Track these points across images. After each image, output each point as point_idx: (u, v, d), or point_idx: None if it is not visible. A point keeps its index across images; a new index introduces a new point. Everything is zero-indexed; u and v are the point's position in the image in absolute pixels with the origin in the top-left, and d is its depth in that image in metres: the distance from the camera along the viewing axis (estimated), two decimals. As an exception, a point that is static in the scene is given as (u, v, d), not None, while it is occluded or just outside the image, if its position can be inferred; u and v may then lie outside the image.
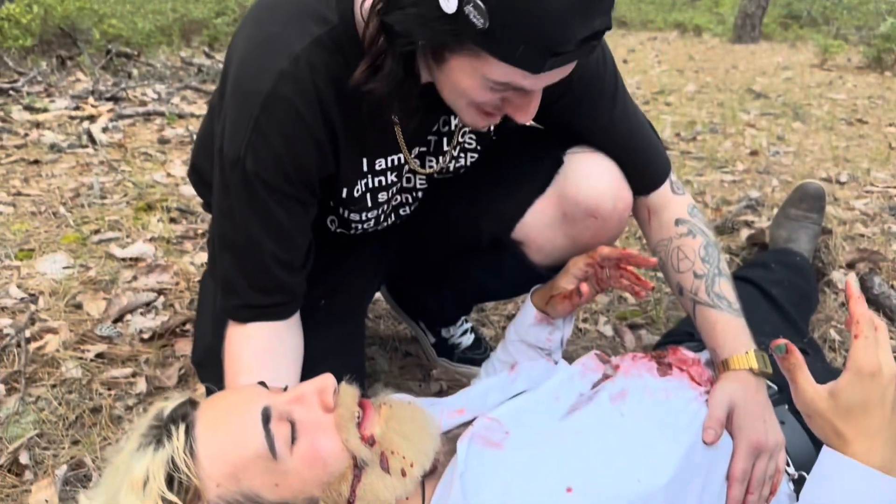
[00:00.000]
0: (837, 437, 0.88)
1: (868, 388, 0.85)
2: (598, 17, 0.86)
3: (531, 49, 0.85)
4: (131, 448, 0.90)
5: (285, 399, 0.92)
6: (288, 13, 1.07)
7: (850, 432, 0.86)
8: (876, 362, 0.86)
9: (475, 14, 0.84)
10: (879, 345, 0.88)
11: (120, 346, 1.72)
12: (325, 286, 1.34)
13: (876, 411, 0.85)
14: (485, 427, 1.08)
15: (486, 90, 0.95)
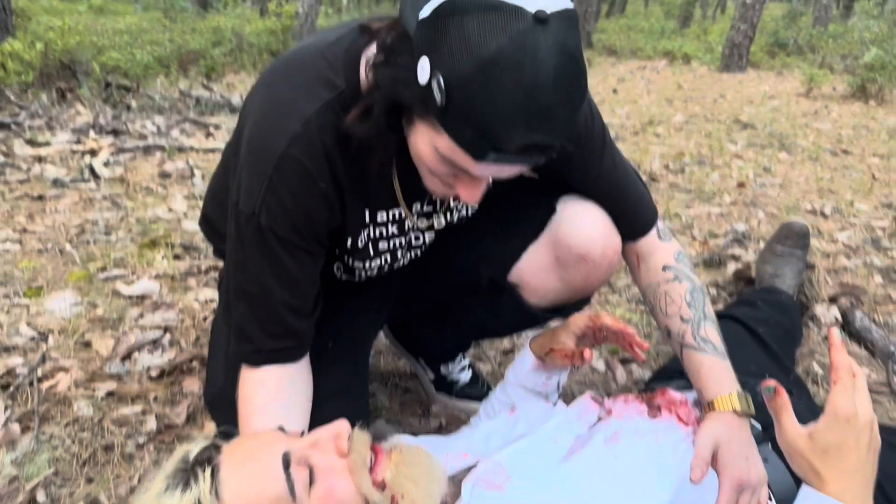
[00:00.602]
0: (815, 476, 0.94)
1: (844, 432, 0.92)
2: (542, 133, 0.90)
3: (476, 137, 0.91)
4: (158, 489, 0.96)
5: (303, 444, 0.99)
6: (299, 79, 1.15)
7: (826, 472, 0.93)
8: (852, 408, 0.93)
9: (437, 90, 0.90)
10: (857, 391, 0.95)
11: (129, 383, 1.77)
12: (332, 329, 1.41)
13: (851, 454, 0.92)
14: (487, 471, 1.14)
15: (439, 162, 1.01)
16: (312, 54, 1.16)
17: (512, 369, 1.46)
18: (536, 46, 0.85)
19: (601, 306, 2.38)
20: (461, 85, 0.88)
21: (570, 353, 1.28)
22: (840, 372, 0.95)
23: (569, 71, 0.88)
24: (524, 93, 0.86)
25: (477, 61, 0.86)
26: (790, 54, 11.35)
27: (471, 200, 1.07)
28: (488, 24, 0.86)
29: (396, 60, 0.97)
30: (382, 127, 1.05)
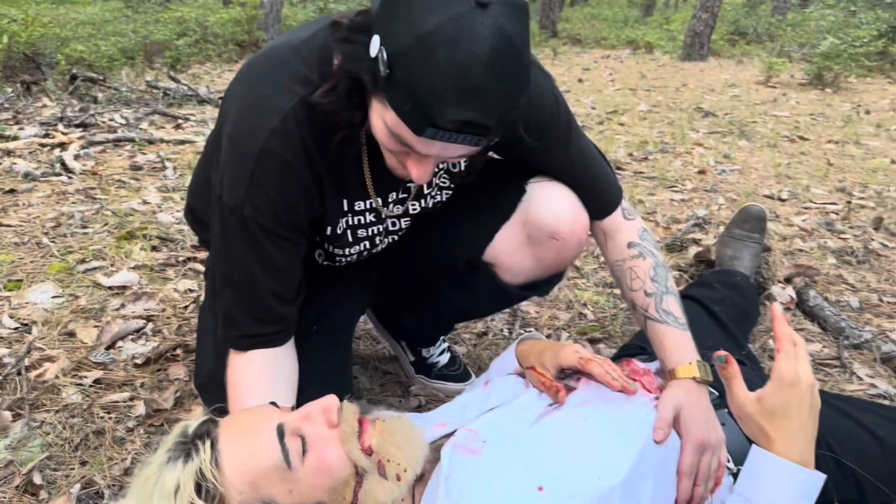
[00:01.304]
0: (764, 437, 1.06)
1: (788, 395, 1.04)
2: (474, 111, 0.95)
3: (415, 110, 0.97)
4: (159, 462, 1.03)
5: (296, 417, 1.06)
6: (276, 76, 1.21)
7: (773, 432, 1.05)
8: (795, 374, 1.05)
9: (381, 62, 0.96)
10: (798, 358, 1.07)
11: (115, 371, 1.82)
12: (316, 314, 1.48)
13: (794, 415, 1.04)
14: (464, 437, 1.23)
15: (389, 137, 1.06)
16: (288, 51, 1.22)
17: (496, 364, 1.54)
18: (473, 27, 0.91)
19: (570, 290, 2.48)
20: (401, 58, 0.94)
21: (547, 384, 1.31)
22: (783, 342, 1.07)
23: (504, 54, 0.94)
24: (456, 69, 0.92)
25: (416, 36, 0.92)
26: (750, 43, 11.59)
27: (420, 179, 1.11)
28: (433, 3, 0.92)
29: (356, 38, 1.04)
30: (343, 102, 1.11)
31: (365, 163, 1.28)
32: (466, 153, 1.06)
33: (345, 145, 1.21)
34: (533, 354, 1.40)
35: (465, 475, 1.14)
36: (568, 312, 2.34)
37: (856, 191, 3.77)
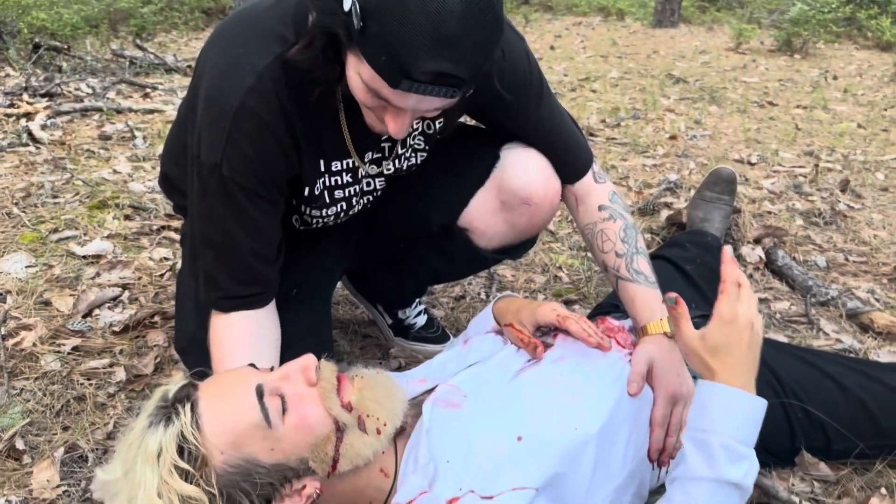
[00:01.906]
0: (708, 371, 1.12)
1: (727, 332, 1.11)
2: (448, 62, 0.96)
3: (390, 62, 0.97)
4: (141, 426, 1.04)
5: (274, 377, 1.08)
6: (251, 35, 1.20)
7: (716, 366, 1.11)
8: (734, 313, 1.11)
9: (356, 13, 0.97)
10: (740, 299, 1.13)
11: (93, 339, 1.82)
12: (295, 277, 1.49)
13: (734, 350, 1.11)
14: (445, 392, 1.25)
15: (365, 92, 1.06)
16: (263, 10, 1.22)
17: (474, 323, 1.56)
18: None
19: (545, 254, 2.51)
20: (374, 11, 0.95)
21: (525, 341, 1.34)
22: (726, 283, 1.14)
23: (477, 5, 0.95)
24: (429, 19, 0.93)
25: None
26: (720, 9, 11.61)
27: (397, 133, 1.11)
28: None
29: None
30: (319, 57, 1.11)
31: (343, 122, 1.28)
32: (442, 106, 1.07)
33: (322, 102, 1.21)
34: (510, 312, 1.42)
35: (446, 427, 1.17)
36: (543, 275, 2.37)
37: (823, 154, 3.83)
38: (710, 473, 1.07)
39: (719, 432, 1.07)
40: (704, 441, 1.09)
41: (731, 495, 1.08)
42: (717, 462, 1.06)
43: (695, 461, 1.09)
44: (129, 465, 1.03)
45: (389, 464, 1.15)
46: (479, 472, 1.09)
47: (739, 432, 1.08)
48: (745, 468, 1.07)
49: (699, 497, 1.07)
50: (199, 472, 1.00)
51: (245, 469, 1.01)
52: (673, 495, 1.10)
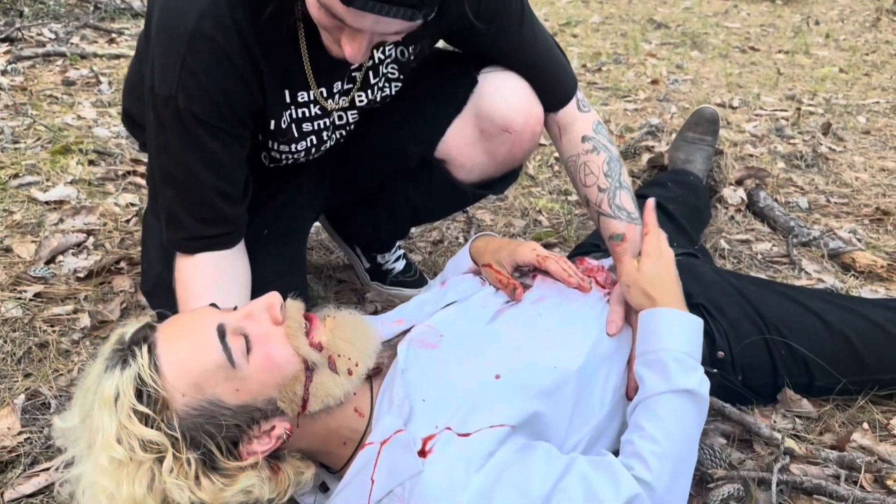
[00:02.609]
0: (647, 299, 1.21)
1: (657, 264, 1.25)
2: None
3: None
4: (98, 371, 0.99)
5: (237, 316, 1.03)
6: None
7: (655, 294, 1.21)
8: (660, 248, 1.27)
9: None
10: (661, 238, 1.29)
11: (56, 285, 1.75)
12: (267, 217, 1.42)
13: (666, 280, 1.24)
14: (421, 332, 1.21)
15: (319, 9, 1.00)
16: None
17: (451, 263, 1.51)
18: None
19: (525, 198, 2.46)
20: None
21: (504, 281, 1.30)
22: (649, 225, 1.30)
23: None
24: None
25: None
26: (702, -44, 11.43)
27: (354, 58, 1.05)
28: None
29: None
30: None
31: (303, 49, 1.21)
32: (402, 29, 1.01)
33: (282, 25, 1.13)
34: (489, 252, 1.37)
35: (421, 367, 1.13)
36: (523, 219, 2.33)
37: (805, 98, 3.79)
38: (668, 386, 1.11)
39: (669, 349, 1.14)
40: (657, 360, 1.14)
41: (690, 404, 1.11)
42: (672, 374, 1.11)
43: (651, 380, 1.13)
44: (86, 411, 0.98)
45: (364, 404, 1.11)
46: (455, 411, 1.06)
47: (687, 346, 1.15)
48: (699, 377, 1.13)
49: (661, 411, 1.09)
50: (159, 416, 0.95)
51: (209, 411, 0.97)
52: (638, 418, 1.10)
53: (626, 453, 1.08)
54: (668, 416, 1.08)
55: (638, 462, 1.05)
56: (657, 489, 1.03)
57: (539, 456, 1.04)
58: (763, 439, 1.32)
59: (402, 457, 1.03)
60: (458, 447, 1.02)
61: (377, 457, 1.05)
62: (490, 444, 1.02)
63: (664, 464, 1.04)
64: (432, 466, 1.01)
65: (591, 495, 1.01)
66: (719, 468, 1.23)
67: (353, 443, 1.09)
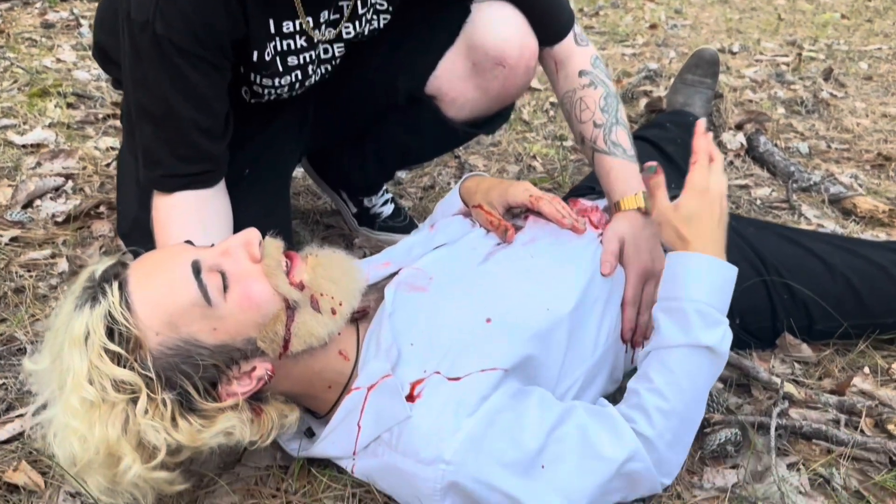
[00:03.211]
0: (680, 241, 1.09)
1: (699, 202, 1.09)
2: None
3: None
4: (68, 310, 0.94)
5: (213, 253, 0.97)
6: None
7: (689, 235, 1.08)
8: (705, 183, 1.10)
9: None
10: (712, 171, 1.12)
11: (34, 230, 1.69)
12: (248, 156, 1.36)
13: (706, 220, 1.09)
14: (410, 275, 1.16)
15: None
16: None
17: (441, 205, 1.46)
18: None
19: (519, 143, 2.40)
20: None
21: (495, 223, 1.24)
22: (698, 154, 1.12)
23: None
24: None
25: None
26: None
27: None
28: None
29: None
30: None
31: None
32: None
33: None
34: (480, 192, 1.32)
35: (410, 310, 1.09)
36: (517, 165, 2.27)
37: (806, 44, 3.70)
38: (685, 339, 1.04)
39: (693, 299, 1.05)
40: (678, 308, 1.06)
41: (707, 361, 1.05)
42: (692, 327, 1.03)
43: (668, 330, 1.05)
44: (56, 352, 0.93)
45: (349, 346, 1.06)
46: (444, 354, 1.02)
47: (713, 298, 1.06)
48: (721, 333, 1.05)
49: (674, 365, 1.03)
50: (132, 356, 0.90)
51: (185, 351, 0.92)
52: (648, 368, 1.05)
53: (630, 404, 1.04)
54: (680, 371, 1.02)
55: (641, 415, 1.01)
56: (658, 446, 1.00)
57: (534, 402, 1.01)
58: (761, 384, 1.29)
59: (390, 402, 0.99)
60: (447, 391, 0.98)
61: (364, 402, 1.01)
62: (482, 388, 0.98)
63: (669, 421, 1.01)
64: (421, 411, 0.97)
65: (588, 446, 0.98)
66: (716, 413, 1.20)
67: (338, 387, 1.05)
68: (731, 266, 1.08)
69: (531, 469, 0.97)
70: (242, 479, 1.11)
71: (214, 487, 1.08)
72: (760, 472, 1.12)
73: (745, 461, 1.14)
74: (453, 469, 0.94)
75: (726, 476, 1.12)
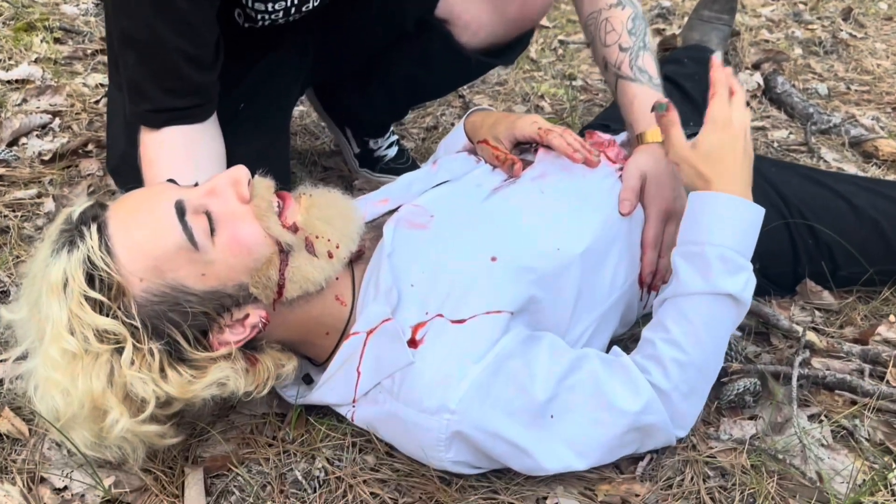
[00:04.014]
0: (701, 180, 1.01)
1: (721, 137, 1.01)
2: None
3: None
4: (44, 255, 0.87)
5: (198, 192, 0.90)
6: None
7: (710, 174, 1.00)
8: (728, 116, 1.02)
9: None
10: (733, 103, 1.03)
11: (19, 168, 1.62)
12: (243, 90, 1.28)
13: (729, 156, 1.01)
14: (410, 212, 1.09)
15: None
16: None
17: (444, 142, 1.38)
18: None
19: (526, 83, 2.30)
20: None
21: (501, 157, 1.16)
22: (717, 86, 1.04)
23: None
24: None
25: None
26: None
27: None
28: None
29: None
30: None
31: None
32: None
33: None
34: (485, 127, 1.23)
35: (410, 249, 1.02)
36: (524, 105, 2.18)
37: (824, -17, 3.55)
38: (706, 287, 0.97)
39: (716, 243, 0.98)
40: (699, 253, 0.98)
41: (728, 310, 0.98)
42: (713, 274, 0.97)
43: (688, 276, 0.98)
44: (33, 300, 0.87)
45: (346, 291, 1.00)
46: (447, 295, 0.95)
47: (737, 242, 0.99)
48: (744, 280, 0.98)
49: (693, 314, 0.97)
50: (115, 303, 0.84)
51: (171, 297, 0.86)
52: (664, 317, 0.99)
53: (645, 354, 0.98)
54: (699, 320, 0.96)
55: (656, 367, 0.96)
56: (674, 399, 0.95)
57: (544, 349, 0.95)
58: (781, 332, 1.23)
59: (390, 347, 0.93)
60: (452, 335, 0.92)
61: (363, 347, 0.95)
62: (489, 332, 0.92)
63: (685, 372, 0.96)
64: (424, 357, 0.92)
65: (601, 396, 0.93)
66: (734, 362, 1.15)
67: (336, 332, 0.99)
68: (756, 207, 1.00)
69: (540, 419, 0.92)
70: (237, 426, 1.06)
71: (207, 436, 1.03)
72: (780, 424, 1.07)
73: (764, 412, 1.09)
74: (458, 418, 0.89)
75: (744, 427, 1.07)
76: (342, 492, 0.97)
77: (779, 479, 0.99)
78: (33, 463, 0.98)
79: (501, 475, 0.99)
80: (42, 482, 0.96)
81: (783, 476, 1.00)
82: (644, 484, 0.99)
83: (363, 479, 0.98)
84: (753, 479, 0.99)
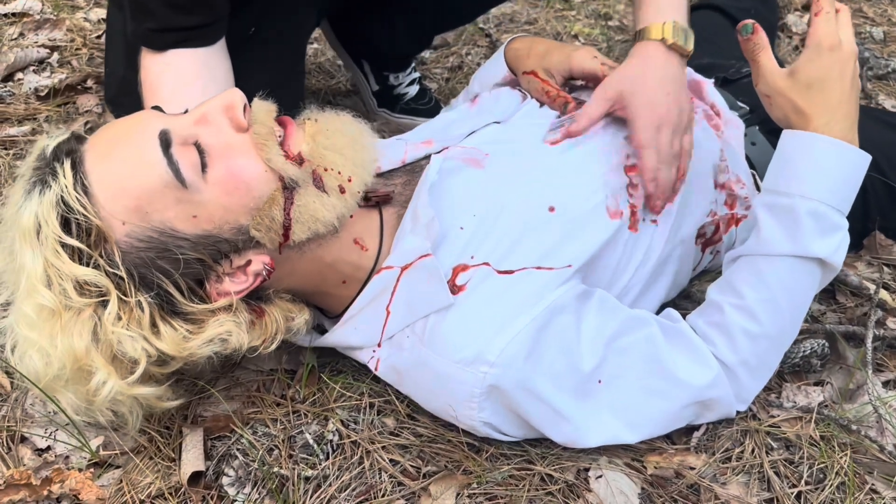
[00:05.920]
0: (798, 115, 0.86)
1: (827, 63, 0.84)
2: None
3: None
4: (17, 197, 0.76)
5: (187, 121, 0.77)
6: None
7: (810, 108, 0.85)
8: (836, 37, 0.85)
9: None
10: (840, 22, 0.86)
11: (14, 104, 1.52)
12: (254, 11, 1.16)
13: (835, 86, 0.85)
14: (461, 152, 0.96)
15: None
16: None
17: (479, 75, 1.23)
18: None
19: (558, 22, 2.15)
20: None
21: (552, 93, 1.02)
22: (822, 2, 0.85)
23: None
24: None
25: None
26: None
27: None
28: None
29: None
30: None
31: None
32: None
33: None
34: (533, 56, 1.08)
35: (460, 186, 0.90)
36: (556, 46, 2.03)
37: (874, -75, 3.33)
38: (792, 248, 0.83)
39: (809, 196, 0.83)
40: (788, 207, 0.84)
41: (813, 276, 0.85)
42: (803, 233, 0.83)
43: (771, 232, 0.84)
44: (7, 248, 0.76)
45: (368, 235, 0.87)
46: (497, 243, 0.84)
47: (835, 196, 0.84)
48: (837, 241, 0.84)
49: (772, 278, 0.84)
50: (95, 250, 0.73)
51: (159, 243, 0.75)
52: (736, 277, 0.86)
53: (710, 320, 0.87)
54: (778, 286, 0.84)
55: (722, 337, 0.85)
56: (739, 374, 0.85)
57: (593, 306, 0.84)
58: (849, 289, 1.11)
59: (428, 285, 0.82)
60: (498, 285, 0.81)
61: (396, 283, 0.84)
62: (538, 287, 0.81)
63: (756, 345, 0.84)
64: (463, 302, 0.80)
65: (657, 363, 0.82)
66: (799, 321, 1.02)
67: (355, 282, 0.87)
68: (862, 153, 0.86)
69: (587, 383, 0.82)
70: (242, 383, 0.96)
71: (208, 393, 0.92)
72: (852, 391, 0.96)
73: (833, 377, 0.97)
74: (497, 372, 0.78)
75: (810, 394, 0.95)
76: (358, 458, 0.86)
77: (852, 452, 0.88)
78: (14, 420, 0.88)
79: (537, 443, 0.89)
80: (23, 441, 0.86)
81: (856, 449, 0.89)
82: (700, 455, 0.87)
83: (382, 444, 0.88)
84: (823, 451, 0.88)
